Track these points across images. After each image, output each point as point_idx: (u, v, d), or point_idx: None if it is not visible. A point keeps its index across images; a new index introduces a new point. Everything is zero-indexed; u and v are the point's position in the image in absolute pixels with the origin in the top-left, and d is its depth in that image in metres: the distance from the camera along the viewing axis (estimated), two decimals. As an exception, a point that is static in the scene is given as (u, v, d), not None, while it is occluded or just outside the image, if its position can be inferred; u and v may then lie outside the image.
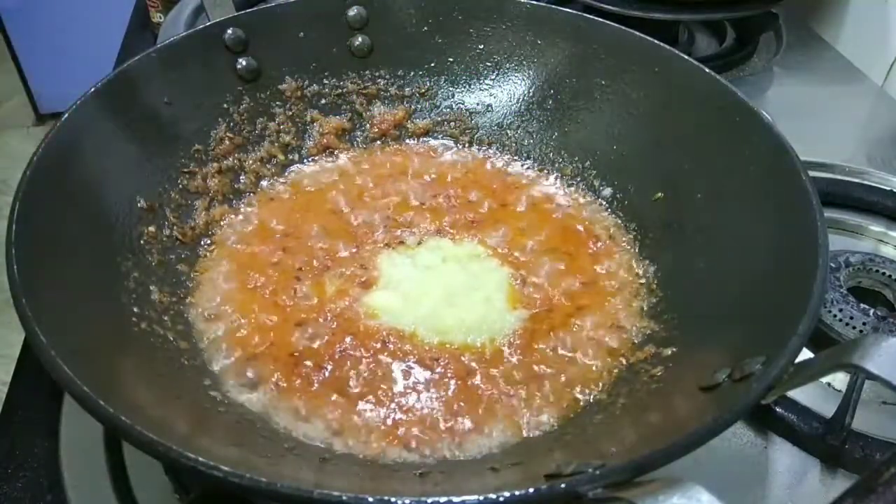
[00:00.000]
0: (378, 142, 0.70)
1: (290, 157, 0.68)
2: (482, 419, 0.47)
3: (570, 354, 0.52)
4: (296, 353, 0.50)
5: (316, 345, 0.51)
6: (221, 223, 0.61)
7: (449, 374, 0.50)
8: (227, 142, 0.64)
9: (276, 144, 0.67)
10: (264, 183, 0.65)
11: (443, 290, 0.56)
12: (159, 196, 0.57)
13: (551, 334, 0.53)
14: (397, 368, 0.50)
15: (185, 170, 0.60)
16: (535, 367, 0.50)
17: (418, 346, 0.52)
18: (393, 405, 0.47)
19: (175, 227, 0.57)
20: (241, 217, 0.62)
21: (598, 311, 0.55)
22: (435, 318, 0.54)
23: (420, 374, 0.50)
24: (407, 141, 0.71)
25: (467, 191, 0.66)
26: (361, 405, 0.47)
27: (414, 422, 0.46)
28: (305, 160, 0.68)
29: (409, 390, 0.48)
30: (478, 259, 0.59)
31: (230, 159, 0.64)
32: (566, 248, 0.60)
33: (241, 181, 0.64)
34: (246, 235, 0.60)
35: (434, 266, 0.58)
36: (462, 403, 0.48)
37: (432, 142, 0.71)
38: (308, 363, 0.50)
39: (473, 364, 0.50)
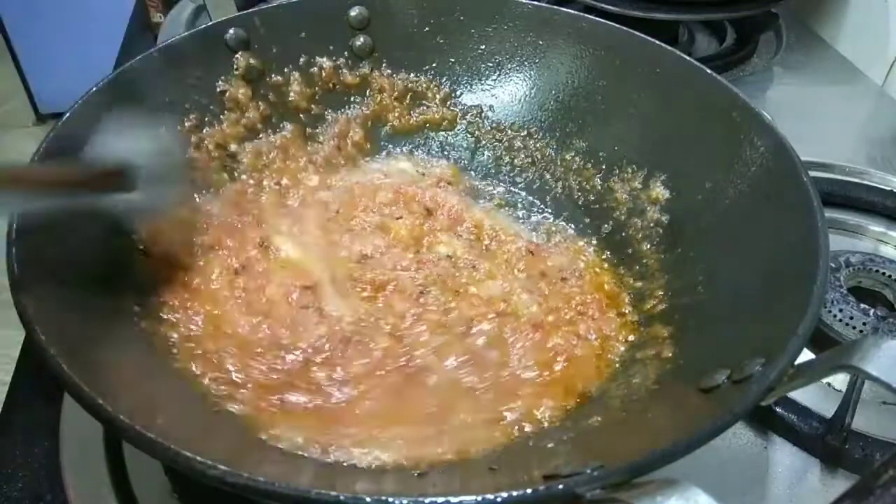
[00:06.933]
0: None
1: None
2: (482, 419, 0.47)
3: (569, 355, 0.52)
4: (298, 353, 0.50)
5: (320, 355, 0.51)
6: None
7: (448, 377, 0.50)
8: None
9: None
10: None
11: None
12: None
13: (549, 334, 0.53)
14: (396, 369, 0.50)
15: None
16: (534, 367, 0.51)
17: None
18: (392, 404, 0.47)
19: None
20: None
21: (598, 312, 0.55)
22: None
23: (420, 375, 0.50)
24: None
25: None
26: (361, 406, 0.47)
27: (413, 422, 0.46)
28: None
29: (409, 390, 0.48)
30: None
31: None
32: (541, 274, 0.60)
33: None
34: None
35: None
36: (461, 404, 0.48)
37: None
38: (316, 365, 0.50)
39: (471, 366, 0.50)
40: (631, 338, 0.53)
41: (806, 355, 0.38)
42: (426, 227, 0.61)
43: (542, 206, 0.66)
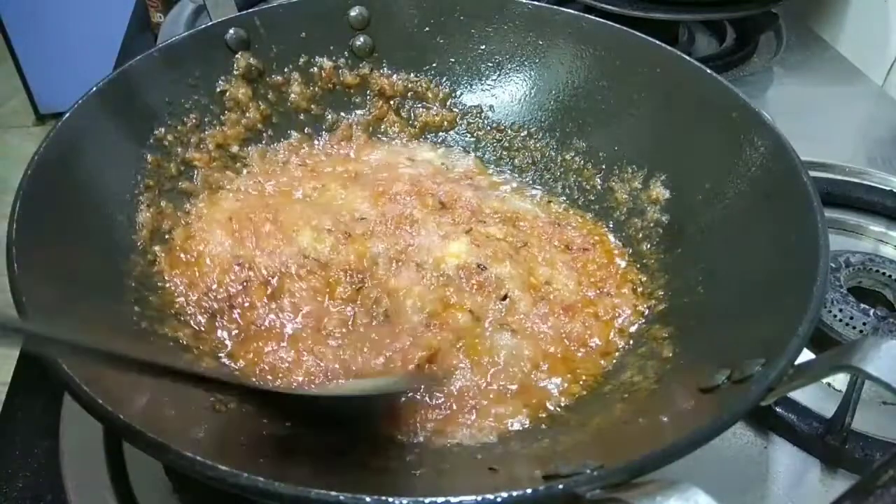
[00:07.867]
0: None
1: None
2: (481, 420, 0.47)
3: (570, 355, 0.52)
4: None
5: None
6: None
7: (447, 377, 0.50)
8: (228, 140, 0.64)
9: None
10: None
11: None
12: (160, 196, 0.57)
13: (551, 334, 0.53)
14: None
15: (186, 169, 0.60)
16: (535, 367, 0.51)
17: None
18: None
19: (176, 227, 0.57)
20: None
21: (599, 312, 0.55)
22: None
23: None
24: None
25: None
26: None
27: (409, 419, 0.46)
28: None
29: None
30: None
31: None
32: (566, 247, 0.60)
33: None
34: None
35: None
36: (462, 404, 0.48)
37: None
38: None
39: (473, 367, 0.50)
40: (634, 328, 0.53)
41: (806, 355, 0.38)
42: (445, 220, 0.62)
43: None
